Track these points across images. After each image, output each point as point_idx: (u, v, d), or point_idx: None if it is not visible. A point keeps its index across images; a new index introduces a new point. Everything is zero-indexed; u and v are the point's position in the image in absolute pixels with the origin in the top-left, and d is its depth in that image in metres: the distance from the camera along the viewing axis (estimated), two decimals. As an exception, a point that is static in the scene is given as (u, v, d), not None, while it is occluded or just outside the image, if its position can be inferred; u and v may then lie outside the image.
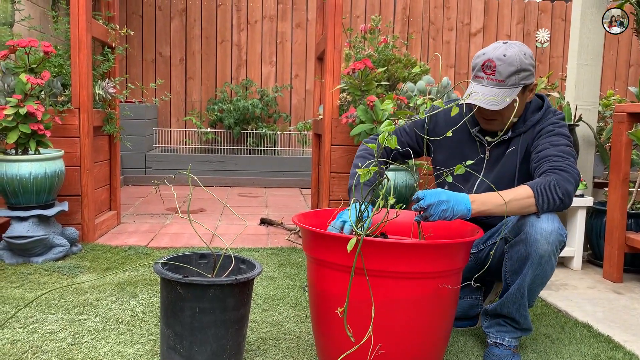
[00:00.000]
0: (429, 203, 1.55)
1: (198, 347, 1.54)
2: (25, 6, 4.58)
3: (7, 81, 2.81)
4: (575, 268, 2.94)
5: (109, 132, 3.43)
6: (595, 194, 3.29)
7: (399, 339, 1.49)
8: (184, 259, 1.72)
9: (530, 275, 1.65)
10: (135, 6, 6.30)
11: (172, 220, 3.83)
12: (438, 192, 1.57)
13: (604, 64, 6.68)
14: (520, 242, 1.65)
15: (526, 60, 1.73)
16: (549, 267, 1.64)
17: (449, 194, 1.57)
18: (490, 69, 1.72)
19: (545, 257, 1.62)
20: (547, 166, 1.67)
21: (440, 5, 6.71)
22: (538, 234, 1.61)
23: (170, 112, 6.45)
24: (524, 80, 1.74)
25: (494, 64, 1.72)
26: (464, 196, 1.58)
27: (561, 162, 1.66)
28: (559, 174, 1.63)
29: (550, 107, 1.87)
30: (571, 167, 1.66)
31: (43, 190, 2.67)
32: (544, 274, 1.66)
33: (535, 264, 1.63)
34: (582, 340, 1.98)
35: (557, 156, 1.69)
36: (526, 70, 1.73)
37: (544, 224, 1.61)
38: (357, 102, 3.13)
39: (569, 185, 1.62)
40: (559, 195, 1.60)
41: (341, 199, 3.20)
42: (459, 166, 1.56)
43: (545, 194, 1.60)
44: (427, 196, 1.56)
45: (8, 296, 2.20)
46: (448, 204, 1.54)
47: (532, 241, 1.61)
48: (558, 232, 1.61)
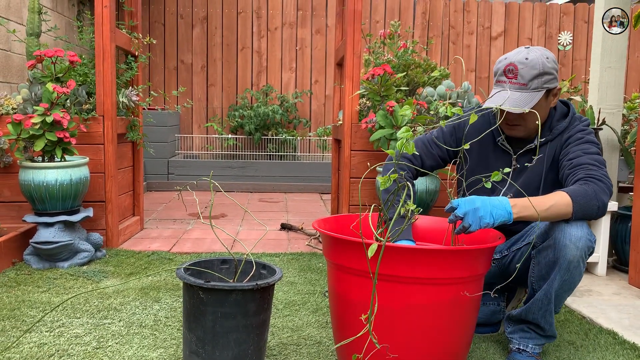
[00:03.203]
0: (464, 211, 1.50)
1: (220, 351, 1.56)
2: (52, 17, 4.69)
3: (35, 90, 2.88)
4: (599, 274, 2.90)
5: (133, 139, 3.48)
6: (620, 199, 3.24)
7: (419, 345, 1.49)
8: (206, 264, 1.75)
9: (558, 280, 1.63)
10: (157, 15, 6.40)
11: (194, 225, 3.87)
12: (472, 199, 1.53)
13: (628, 66, 6.56)
14: (549, 247, 1.64)
15: (549, 64, 1.72)
16: (577, 272, 1.62)
17: (483, 199, 1.52)
18: (512, 73, 1.71)
19: (574, 262, 1.60)
20: (583, 174, 1.65)
21: (461, 9, 6.68)
22: (567, 239, 1.59)
23: (192, 118, 6.53)
24: (547, 84, 1.72)
25: (516, 67, 1.71)
26: (501, 200, 1.54)
27: (597, 172, 1.64)
28: (596, 184, 1.61)
29: (575, 114, 1.85)
30: (607, 178, 1.64)
31: (68, 197, 2.73)
32: (572, 279, 1.64)
33: (564, 270, 1.61)
34: (606, 347, 1.95)
35: (592, 165, 1.67)
36: (549, 73, 1.72)
37: (573, 230, 1.59)
38: (376, 108, 3.13)
39: (605, 197, 1.60)
40: (594, 206, 1.59)
41: (361, 204, 3.20)
42: (495, 173, 1.52)
43: (583, 204, 1.58)
44: (462, 204, 1.52)
45: (35, 300, 2.25)
46: (485, 210, 1.50)
47: (561, 246, 1.60)
48: (587, 238, 1.60)
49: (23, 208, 3.04)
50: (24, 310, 2.14)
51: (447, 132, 1.94)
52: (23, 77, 4.18)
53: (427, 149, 1.93)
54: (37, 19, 3.22)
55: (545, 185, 1.82)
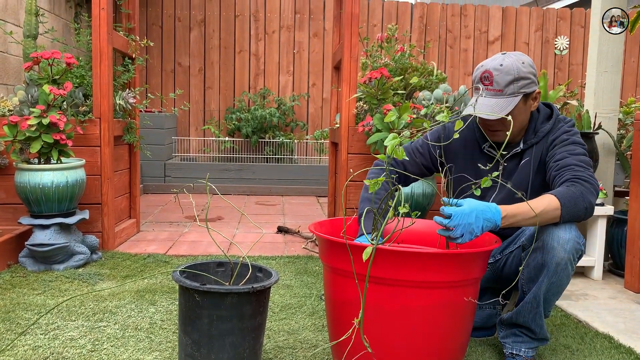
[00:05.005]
0: (455, 224, 1.48)
1: (215, 354, 1.55)
2: (49, 19, 4.69)
3: (31, 92, 2.88)
4: (595, 278, 2.90)
5: (129, 141, 3.48)
6: (615, 203, 3.25)
7: (414, 348, 1.49)
8: (202, 267, 1.74)
9: (546, 283, 1.64)
10: (154, 17, 6.40)
11: (190, 228, 3.86)
12: (466, 213, 1.48)
13: (624, 70, 6.59)
14: (537, 249, 1.64)
15: (524, 69, 1.72)
16: (565, 275, 1.63)
17: (477, 213, 1.49)
18: (487, 80, 1.73)
19: (561, 264, 1.60)
20: (569, 175, 1.65)
21: (458, 13, 6.70)
22: (555, 241, 1.59)
23: (189, 121, 6.53)
24: (524, 88, 1.73)
25: (491, 74, 1.72)
26: (494, 212, 1.52)
27: (583, 173, 1.65)
28: (583, 185, 1.61)
29: (559, 115, 1.86)
30: (593, 179, 1.65)
31: (64, 199, 2.72)
32: (560, 282, 1.64)
33: (552, 272, 1.62)
34: (602, 351, 1.95)
35: (578, 166, 1.68)
36: (525, 78, 1.72)
37: (561, 232, 1.60)
38: (373, 111, 3.14)
39: (592, 198, 1.61)
40: (582, 208, 1.59)
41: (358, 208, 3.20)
42: (485, 179, 1.52)
43: (571, 206, 1.58)
44: (455, 217, 1.48)
45: (30, 303, 2.25)
46: (477, 225, 1.48)
47: (549, 249, 1.60)
48: (575, 240, 1.60)
49: (19, 210, 3.03)
50: (18, 312, 2.13)
51: (432, 140, 1.94)
52: (20, 79, 4.18)
53: (412, 158, 1.94)
54: (34, 20, 3.22)
55: (532, 188, 1.83)
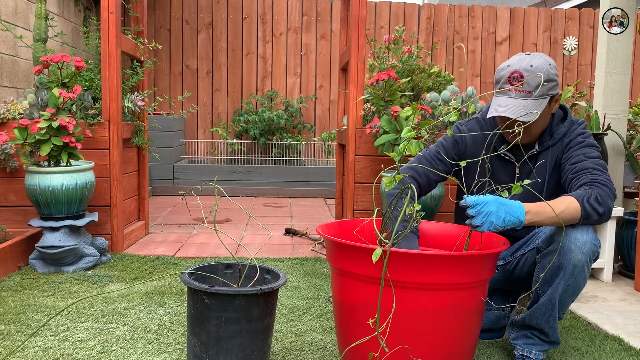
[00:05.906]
0: (476, 211, 1.51)
1: (224, 356, 1.56)
2: (58, 22, 4.72)
3: (41, 95, 2.90)
4: (605, 280, 2.88)
5: (138, 143, 3.50)
6: (625, 204, 3.22)
7: (423, 350, 1.48)
8: (210, 268, 1.75)
9: (563, 285, 1.63)
10: (163, 20, 6.44)
11: (198, 230, 3.88)
12: (488, 201, 1.52)
13: (634, 71, 6.54)
14: (554, 251, 1.64)
15: (552, 71, 1.73)
16: (581, 277, 1.62)
17: (499, 204, 1.52)
18: (517, 81, 1.71)
19: (578, 267, 1.60)
20: (587, 178, 1.66)
21: (465, 14, 6.68)
22: (572, 243, 1.59)
23: (197, 123, 6.55)
24: (551, 90, 1.73)
25: (521, 75, 1.71)
26: (518, 207, 1.54)
27: (601, 176, 1.66)
28: (602, 188, 1.62)
29: (572, 117, 1.87)
30: (610, 182, 1.66)
31: (74, 201, 2.74)
32: (577, 284, 1.64)
33: (568, 274, 1.61)
34: (612, 354, 1.94)
35: (595, 169, 1.68)
36: (553, 80, 1.73)
37: (578, 234, 1.59)
38: (381, 113, 3.14)
39: (610, 202, 1.61)
40: (601, 211, 1.59)
41: (365, 209, 3.20)
42: (515, 185, 1.53)
43: (590, 209, 1.58)
44: (476, 205, 1.52)
45: (40, 304, 2.26)
46: (498, 215, 1.50)
47: (566, 251, 1.60)
48: (592, 243, 1.60)
49: (29, 212, 3.05)
50: (29, 314, 2.15)
51: (449, 146, 1.93)
52: (29, 83, 4.21)
53: (432, 165, 1.92)
54: (43, 24, 3.24)
55: (547, 190, 1.83)
